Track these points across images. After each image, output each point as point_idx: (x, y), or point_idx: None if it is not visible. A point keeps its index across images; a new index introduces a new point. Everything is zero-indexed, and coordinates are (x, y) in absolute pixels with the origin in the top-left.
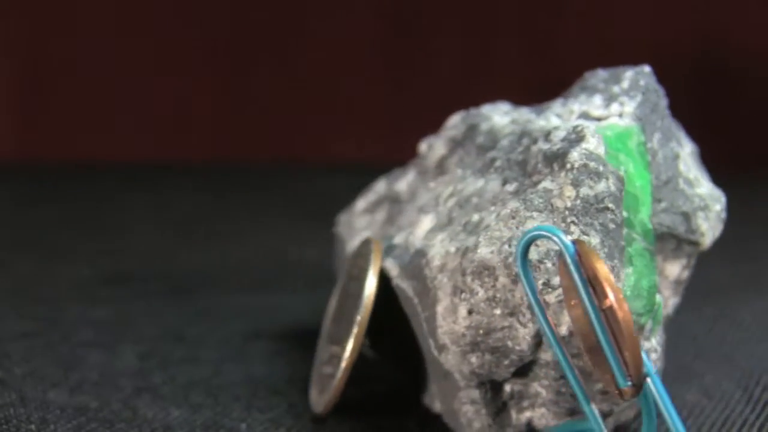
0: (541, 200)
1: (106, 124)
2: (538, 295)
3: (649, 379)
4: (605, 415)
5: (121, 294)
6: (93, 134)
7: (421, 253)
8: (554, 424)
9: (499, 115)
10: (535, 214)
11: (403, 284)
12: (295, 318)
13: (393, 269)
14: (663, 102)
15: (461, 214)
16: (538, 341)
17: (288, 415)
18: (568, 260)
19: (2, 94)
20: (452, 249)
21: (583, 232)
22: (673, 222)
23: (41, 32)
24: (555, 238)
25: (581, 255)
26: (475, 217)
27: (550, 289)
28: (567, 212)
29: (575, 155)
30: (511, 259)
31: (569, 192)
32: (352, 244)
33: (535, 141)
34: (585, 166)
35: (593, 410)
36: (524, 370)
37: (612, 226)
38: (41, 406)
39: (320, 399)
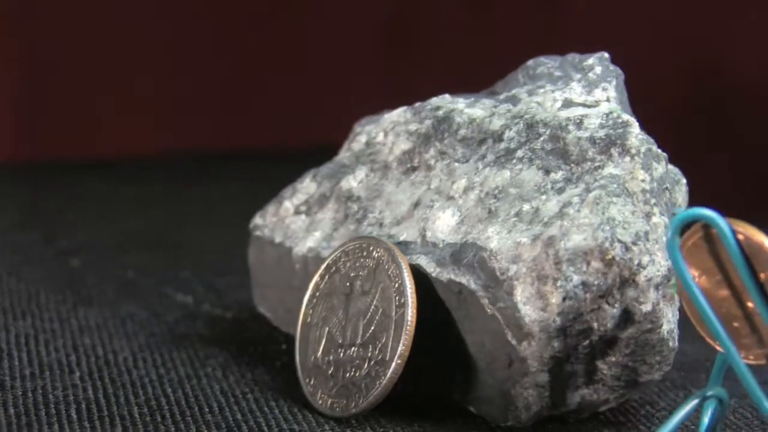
0: (615, 185)
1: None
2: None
3: None
4: None
5: None
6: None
7: (474, 247)
8: (605, 399)
9: (468, 107)
10: (614, 199)
11: (457, 279)
12: None
13: (427, 266)
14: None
15: (504, 206)
16: (620, 320)
17: None
18: (731, 240)
19: None
20: (524, 239)
21: (661, 213)
22: None
23: None
24: (718, 222)
25: (741, 234)
26: (526, 207)
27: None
28: (648, 195)
29: (635, 140)
30: (607, 244)
31: (642, 175)
32: (304, 246)
33: (562, 129)
34: (649, 150)
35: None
36: (592, 349)
37: (669, 205)
38: None
39: (352, 403)
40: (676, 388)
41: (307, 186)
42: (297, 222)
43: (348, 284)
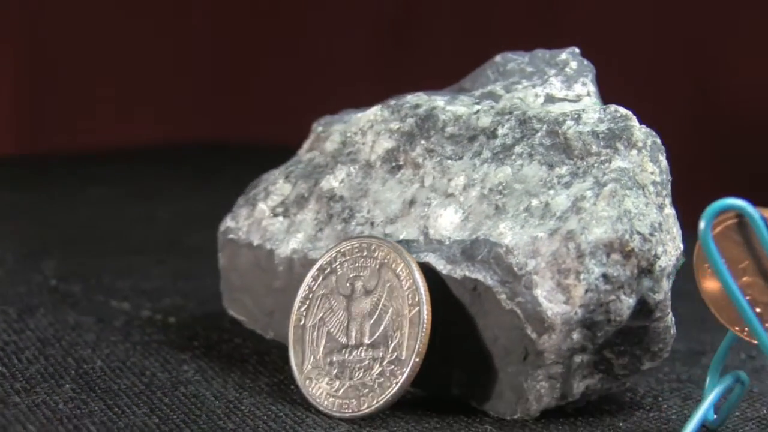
0: (626, 179)
1: None
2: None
3: None
4: None
5: None
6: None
7: (487, 243)
8: (607, 387)
9: (448, 105)
10: (628, 191)
11: (472, 275)
12: None
13: (437, 263)
14: None
15: (512, 202)
16: (635, 310)
17: None
18: (761, 226)
19: None
20: (541, 234)
21: (671, 204)
22: None
23: None
24: (750, 210)
25: None
26: (535, 202)
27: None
28: (659, 187)
29: (639, 134)
30: (627, 236)
31: (651, 168)
32: (287, 247)
33: (559, 124)
34: (654, 142)
35: None
36: (606, 339)
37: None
38: None
39: (364, 403)
40: (646, 374)
41: (281, 187)
42: (275, 224)
43: (348, 285)
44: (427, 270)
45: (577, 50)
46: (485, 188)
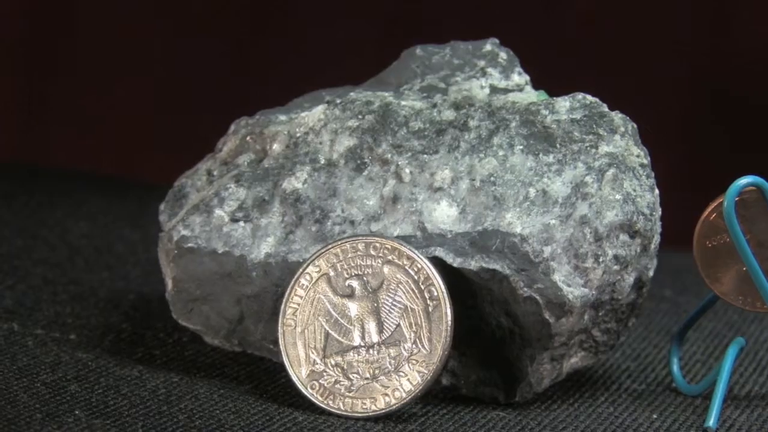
0: (617, 162)
1: None
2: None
3: None
4: None
5: None
6: None
7: (498, 233)
8: (586, 365)
9: (401, 100)
10: (623, 175)
11: (489, 266)
12: None
13: (446, 257)
14: None
15: (509, 192)
16: (633, 288)
17: None
18: None
19: None
20: (552, 221)
21: (655, 185)
22: None
23: None
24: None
25: None
26: (532, 191)
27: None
28: (648, 168)
29: (618, 119)
30: (634, 217)
31: (636, 151)
32: (260, 252)
33: (533, 114)
34: (633, 127)
35: None
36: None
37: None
38: None
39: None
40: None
41: (235, 192)
42: (237, 230)
43: (347, 285)
44: (437, 264)
45: (497, 41)
46: (475, 180)
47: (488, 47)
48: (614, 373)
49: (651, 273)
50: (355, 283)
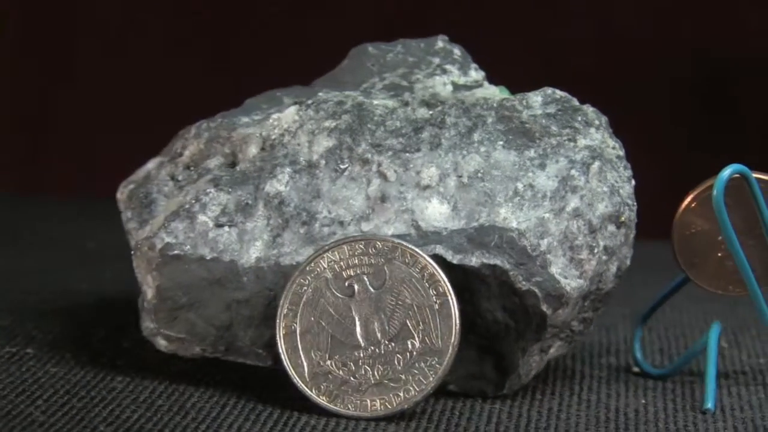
0: (597, 155)
1: None
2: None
3: None
4: None
5: None
6: None
7: (495, 229)
8: (560, 354)
9: (372, 99)
10: (605, 166)
11: (490, 261)
12: None
13: (446, 254)
14: None
15: (498, 187)
16: (614, 277)
17: None
18: (758, 193)
19: None
20: (546, 215)
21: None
22: None
23: None
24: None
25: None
26: (520, 186)
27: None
28: (624, 160)
29: (591, 113)
30: (621, 208)
31: (612, 143)
32: (250, 256)
33: (507, 110)
34: (606, 120)
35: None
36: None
37: None
38: None
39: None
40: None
41: (216, 196)
42: (223, 235)
43: (347, 285)
44: (438, 261)
45: (446, 37)
46: (463, 177)
47: (440, 44)
48: (581, 361)
49: (628, 262)
50: (354, 284)
